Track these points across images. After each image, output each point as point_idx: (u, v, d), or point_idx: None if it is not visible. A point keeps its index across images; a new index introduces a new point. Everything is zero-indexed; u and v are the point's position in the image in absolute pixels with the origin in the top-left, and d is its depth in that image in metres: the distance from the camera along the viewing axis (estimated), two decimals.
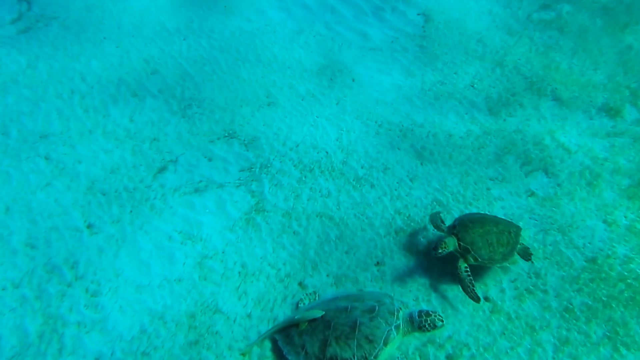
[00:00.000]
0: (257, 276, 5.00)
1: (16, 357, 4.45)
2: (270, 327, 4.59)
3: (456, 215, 5.39)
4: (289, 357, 4.25)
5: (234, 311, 4.71)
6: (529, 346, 4.42)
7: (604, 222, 5.30)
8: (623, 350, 4.37)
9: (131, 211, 5.57)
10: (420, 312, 4.27)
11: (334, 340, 4.13)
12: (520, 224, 5.27)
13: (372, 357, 4.06)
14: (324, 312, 4.34)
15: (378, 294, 4.48)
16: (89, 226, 5.41)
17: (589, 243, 5.11)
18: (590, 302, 4.67)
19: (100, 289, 4.87)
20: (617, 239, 5.13)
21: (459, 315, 4.61)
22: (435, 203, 5.58)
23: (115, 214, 5.54)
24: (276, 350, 4.44)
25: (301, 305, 4.67)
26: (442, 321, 4.23)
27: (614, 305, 4.64)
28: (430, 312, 4.25)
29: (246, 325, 4.61)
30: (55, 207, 5.59)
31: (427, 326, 4.21)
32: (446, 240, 4.71)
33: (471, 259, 4.69)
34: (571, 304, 4.66)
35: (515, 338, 4.47)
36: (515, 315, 4.62)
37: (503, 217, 5.19)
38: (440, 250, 4.63)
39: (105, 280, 4.94)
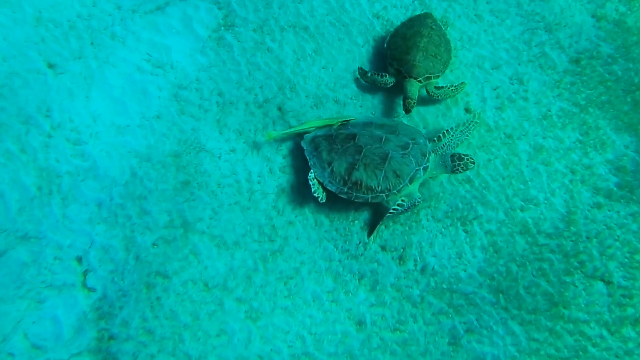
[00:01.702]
0: (235, 105, 4.60)
1: (22, 210, 4.35)
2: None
3: (439, 15, 4.72)
4: (314, 169, 4.11)
5: (218, 147, 4.45)
6: (505, 157, 4.31)
7: (594, 16, 4.66)
8: (592, 153, 4.27)
9: (92, 43, 4.83)
10: (452, 156, 3.98)
11: (362, 166, 3.94)
12: (507, 22, 4.67)
13: (395, 191, 3.93)
14: (356, 117, 4.29)
15: (413, 131, 4.13)
16: (51, 66, 4.75)
17: (575, 42, 4.58)
18: (567, 108, 4.40)
19: (82, 137, 4.52)
20: (604, 36, 4.58)
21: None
22: (417, 3, 4.82)
23: (76, 48, 4.82)
24: (301, 159, 4.26)
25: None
26: (474, 163, 3.97)
27: (590, 110, 4.38)
28: (463, 156, 3.96)
29: (232, 160, 4.42)
30: (8, 48, 4.81)
31: (459, 169, 3.97)
32: (408, 92, 4.26)
33: (435, 81, 4.36)
34: (550, 111, 4.40)
35: (493, 150, 4.33)
36: (494, 125, 4.40)
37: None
38: (413, 105, 4.24)
39: (84, 127, 4.55)
